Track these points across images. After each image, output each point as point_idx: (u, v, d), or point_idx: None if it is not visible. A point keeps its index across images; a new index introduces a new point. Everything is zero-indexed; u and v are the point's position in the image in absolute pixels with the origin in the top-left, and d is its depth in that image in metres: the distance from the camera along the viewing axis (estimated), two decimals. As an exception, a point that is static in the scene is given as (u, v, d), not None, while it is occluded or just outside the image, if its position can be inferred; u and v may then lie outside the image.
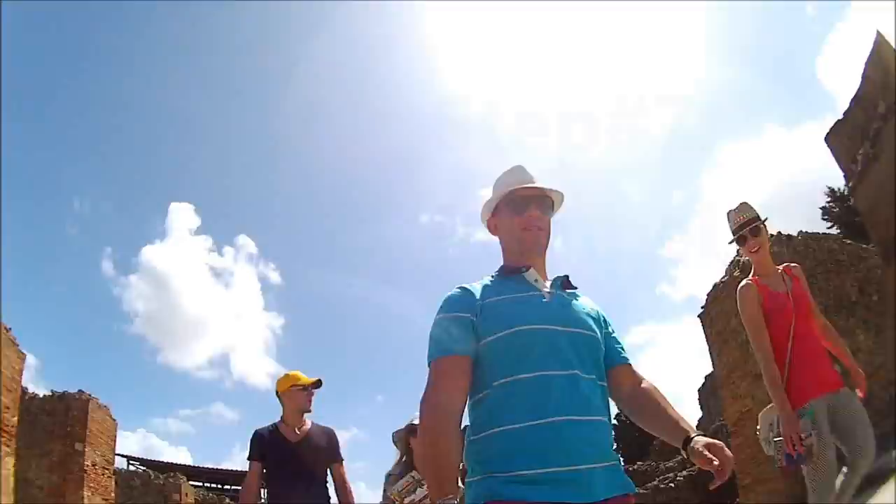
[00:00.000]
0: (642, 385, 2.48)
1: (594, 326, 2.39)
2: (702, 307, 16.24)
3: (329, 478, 5.53)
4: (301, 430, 5.49)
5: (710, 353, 16.02)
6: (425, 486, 4.72)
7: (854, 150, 10.34)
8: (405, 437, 5.12)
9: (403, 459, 5.14)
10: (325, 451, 5.52)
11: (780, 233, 14.36)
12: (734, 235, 4.85)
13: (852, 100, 10.31)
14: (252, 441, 5.42)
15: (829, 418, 4.38)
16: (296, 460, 5.32)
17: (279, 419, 5.56)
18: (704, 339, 16.05)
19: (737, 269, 15.15)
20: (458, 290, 2.42)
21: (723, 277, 15.70)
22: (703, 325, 16.19)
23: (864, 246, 12.52)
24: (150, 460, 31.20)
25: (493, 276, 2.52)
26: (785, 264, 4.92)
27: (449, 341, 2.28)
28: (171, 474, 23.90)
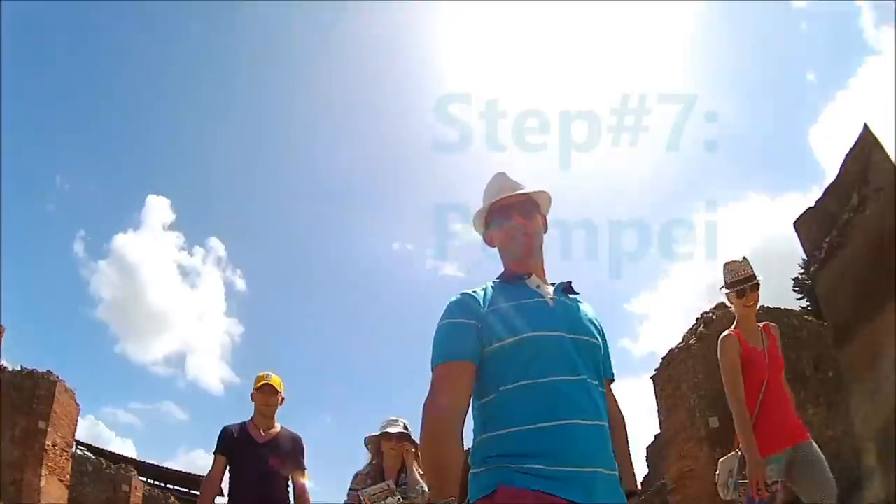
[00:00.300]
0: (613, 410, 2.49)
1: (596, 333, 2.38)
2: (655, 369, 16.44)
3: (290, 484, 5.47)
4: (268, 431, 5.45)
5: (659, 414, 16.15)
6: (397, 497, 4.87)
7: (821, 237, 10.51)
8: (377, 442, 5.27)
9: (374, 462, 5.28)
10: (289, 456, 5.45)
11: (740, 305, 14.58)
12: (736, 286, 4.89)
13: (826, 189, 10.50)
14: (220, 436, 5.39)
15: (788, 469, 4.50)
16: (259, 461, 5.25)
17: (249, 418, 5.55)
18: (655, 400, 16.18)
19: (693, 336, 15.40)
20: (462, 295, 2.37)
21: (678, 344, 15.93)
22: (654, 386, 16.35)
23: (825, 324, 12.69)
24: (98, 448, 30.53)
25: (494, 283, 2.47)
26: (764, 323, 5.04)
27: (453, 347, 2.26)
28: (123, 466, 23.50)
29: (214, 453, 5.34)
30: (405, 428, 5.23)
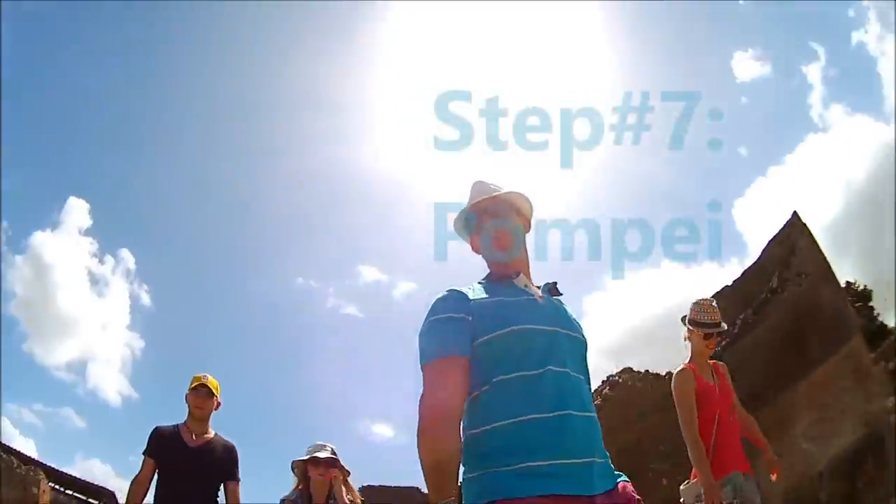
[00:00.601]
0: None
1: (582, 331, 2.33)
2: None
3: (221, 495, 5.04)
4: (201, 436, 5.00)
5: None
6: None
7: (735, 314, 10.81)
8: (302, 467, 5.00)
9: (300, 488, 5.02)
10: (222, 464, 5.02)
11: (647, 371, 14.88)
12: (706, 328, 4.91)
13: (745, 271, 10.86)
14: (150, 437, 4.96)
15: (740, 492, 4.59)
16: (190, 466, 4.85)
17: (183, 421, 5.08)
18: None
19: (598, 397, 15.64)
20: (449, 291, 2.26)
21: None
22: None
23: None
24: (7, 446, 29.02)
25: (481, 282, 2.36)
26: (714, 361, 5.10)
27: (444, 342, 2.14)
28: (32, 467, 22.46)
29: (144, 454, 4.90)
30: (333, 453, 4.98)
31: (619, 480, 2.14)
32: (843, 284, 10.25)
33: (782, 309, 9.71)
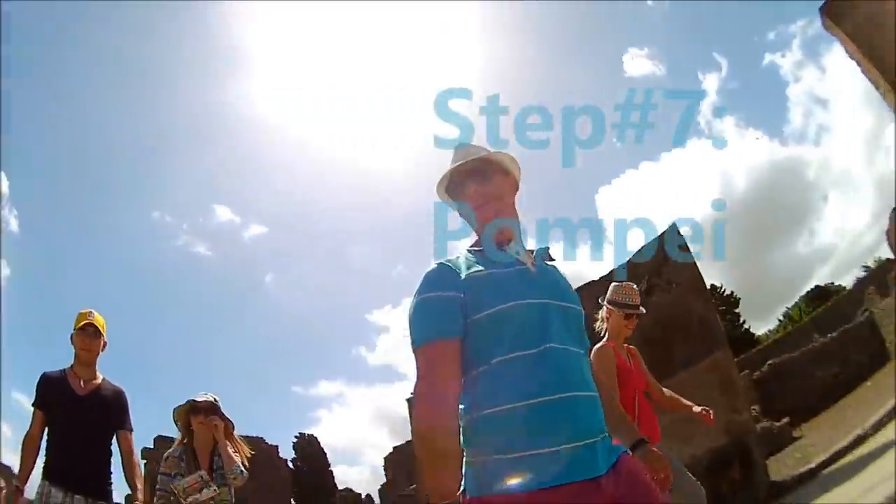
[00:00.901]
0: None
1: (578, 300, 2.14)
2: (411, 393, 16.41)
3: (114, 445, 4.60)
4: (89, 383, 4.55)
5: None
6: (211, 488, 4.32)
7: (593, 312, 10.64)
8: (185, 416, 4.59)
9: (185, 442, 4.57)
10: (114, 412, 4.59)
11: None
12: (626, 308, 4.89)
13: (614, 269, 10.62)
14: (37, 386, 4.49)
15: None
16: (80, 416, 4.40)
17: (69, 366, 4.60)
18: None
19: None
20: (439, 266, 2.07)
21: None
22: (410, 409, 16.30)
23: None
24: None
25: (470, 251, 2.18)
26: (627, 345, 5.05)
27: (437, 324, 1.95)
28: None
29: (33, 405, 4.45)
30: (214, 401, 4.62)
31: (620, 453, 1.98)
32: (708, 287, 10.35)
33: (650, 312, 9.46)
